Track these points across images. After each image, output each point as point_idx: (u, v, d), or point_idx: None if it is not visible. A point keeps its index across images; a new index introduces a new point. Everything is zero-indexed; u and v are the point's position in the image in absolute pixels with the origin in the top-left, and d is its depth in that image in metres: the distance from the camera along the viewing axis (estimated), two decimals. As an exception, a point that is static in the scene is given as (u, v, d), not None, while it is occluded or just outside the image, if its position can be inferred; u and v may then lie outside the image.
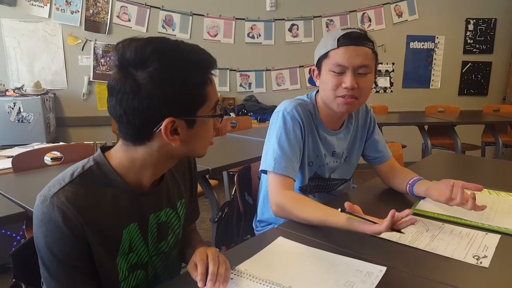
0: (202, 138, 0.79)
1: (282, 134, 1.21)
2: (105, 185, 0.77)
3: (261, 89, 4.42)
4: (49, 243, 0.72)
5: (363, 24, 4.49)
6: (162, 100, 0.70)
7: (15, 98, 3.49)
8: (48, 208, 0.70)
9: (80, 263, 0.74)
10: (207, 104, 0.75)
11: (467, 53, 4.83)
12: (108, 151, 0.81)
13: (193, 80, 0.72)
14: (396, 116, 4.11)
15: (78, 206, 0.72)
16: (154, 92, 0.69)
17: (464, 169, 1.90)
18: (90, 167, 0.77)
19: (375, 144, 1.42)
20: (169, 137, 0.73)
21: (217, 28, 4.22)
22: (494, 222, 1.11)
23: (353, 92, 1.17)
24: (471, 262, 0.89)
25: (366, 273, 0.83)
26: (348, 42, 1.14)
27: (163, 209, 0.88)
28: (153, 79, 0.69)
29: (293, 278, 0.81)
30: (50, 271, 0.73)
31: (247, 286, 0.78)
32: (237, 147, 2.47)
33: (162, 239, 0.89)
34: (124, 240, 0.80)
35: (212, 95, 0.76)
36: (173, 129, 0.73)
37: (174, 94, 0.70)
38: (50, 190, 0.72)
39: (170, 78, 0.70)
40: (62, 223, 0.70)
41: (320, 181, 1.36)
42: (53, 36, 3.90)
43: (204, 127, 0.77)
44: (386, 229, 0.87)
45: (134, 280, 0.85)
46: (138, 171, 0.79)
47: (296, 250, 0.94)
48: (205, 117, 0.76)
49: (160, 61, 0.69)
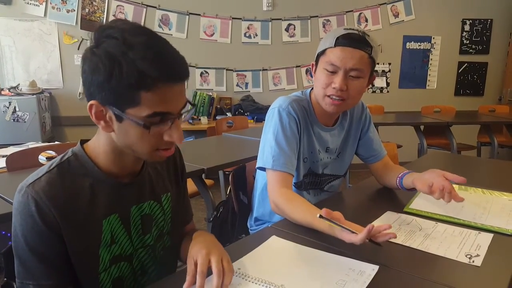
0: (135, 140, 0.74)
1: (279, 130, 1.22)
2: (83, 176, 0.78)
3: (258, 89, 4.42)
4: (22, 232, 0.73)
5: (359, 24, 4.50)
6: (91, 82, 0.70)
7: (11, 97, 3.48)
8: (23, 197, 0.72)
9: (51, 254, 0.75)
10: (140, 108, 0.70)
11: (463, 53, 4.84)
12: (86, 143, 0.83)
13: (124, 77, 0.67)
14: (392, 116, 4.12)
15: (52, 196, 0.73)
16: (88, 72, 0.70)
17: (459, 168, 1.90)
18: (68, 158, 0.79)
19: (369, 142, 1.42)
20: (95, 119, 0.73)
21: (214, 28, 4.22)
22: (487, 221, 1.11)
23: (342, 93, 1.17)
24: (464, 261, 0.89)
25: (359, 272, 0.83)
26: (346, 43, 1.14)
27: (146, 201, 0.88)
28: (91, 61, 0.69)
29: (285, 276, 0.81)
30: (22, 260, 0.74)
31: (239, 285, 0.78)
32: (233, 147, 2.47)
33: (147, 231, 0.89)
34: (104, 230, 0.80)
35: (152, 103, 0.69)
36: (103, 113, 0.73)
37: (100, 81, 0.69)
38: (28, 181, 0.74)
39: (101, 65, 0.68)
40: (35, 212, 0.71)
41: (314, 177, 1.37)
42: (48, 35, 3.89)
43: (134, 129, 0.72)
44: (361, 241, 0.85)
45: (117, 271, 0.85)
46: (106, 159, 0.80)
47: (289, 249, 0.94)
48: (131, 119, 0.70)
49: (107, 47, 0.68)
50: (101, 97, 0.70)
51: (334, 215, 0.91)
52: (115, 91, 0.69)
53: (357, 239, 0.86)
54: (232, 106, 4.30)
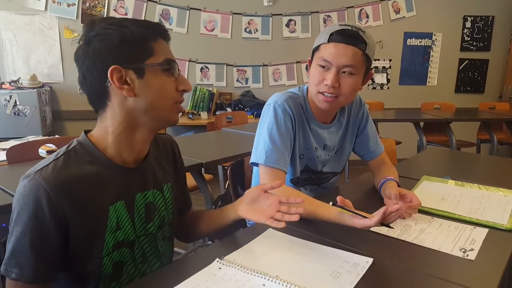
0: (159, 92, 0.80)
1: (273, 126, 1.22)
2: (89, 163, 0.80)
3: (258, 85, 4.42)
4: (22, 218, 0.73)
5: (360, 20, 4.49)
6: (106, 52, 0.76)
7: (11, 91, 3.48)
8: (31, 183, 0.74)
9: (45, 246, 0.75)
10: (156, 57, 0.79)
11: (464, 50, 4.83)
12: (90, 132, 0.85)
13: (134, 33, 0.77)
14: (392, 113, 4.13)
15: (59, 182, 0.74)
16: (98, 45, 0.76)
17: (457, 164, 1.91)
18: (73, 147, 0.81)
19: (366, 140, 1.42)
20: (118, 85, 0.77)
21: (214, 23, 4.21)
22: (483, 216, 1.12)
23: (334, 90, 1.17)
24: (458, 255, 0.90)
25: (353, 264, 0.84)
26: (339, 39, 1.13)
27: (150, 189, 0.90)
28: (97, 36, 0.77)
29: (280, 268, 0.82)
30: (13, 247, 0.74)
31: (235, 275, 0.79)
32: (231, 142, 2.48)
33: (150, 220, 0.91)
34: (110, 216, 0.82)
35: (162, 51, 0.80)
36: (123, 79, 0.77)
37: (116, 44, 0.76)
38: (35, 168, 0.76)
39: (111, 32, 0.76)
40: (42, 197, 0.73)
41: (312, 174, 1.37)
42: (49, 29, 3.89)
43: (158, 79, 0.80)
44: (376, 223, 0.88)
45: (118, 256, 0.86)
46: (114, 143, 0.82)
47: (284, 241, 0.96)
48: (154, 65, 0.79)
49: (105, 23, 0.78)
50: (118, 61, 0.77)
51: (347, 203, 0.93)
52: (132, 48, 0.77)
53: (371, 222, 0.88)
54: (232, 102, 4.30)
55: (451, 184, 1.41)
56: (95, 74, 0.77)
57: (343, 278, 0.78)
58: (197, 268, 0.81)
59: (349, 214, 0.93)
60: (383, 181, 1.28)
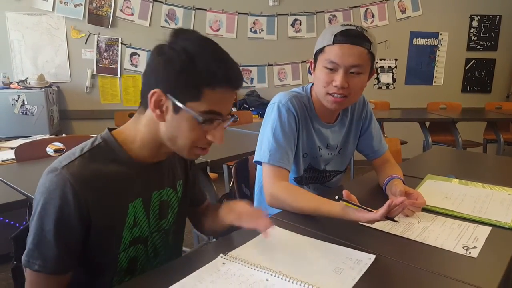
0: (185, 132, 0.80)
1: (277, 125, 1.23)
2: (112, 161, 0.82)
3: (263, 84, 4.43)
4: (47, 211, 0.75)
5: (366, 20, 4.48)
6: (161, 72, 0.77)
7: (19, 90, 3.52)
8: (58, 177, 0.75)
9: (69, 239, 0.77)
10: (200, 103, 0.77)
11: (471, 50, 4.81)
12: (116, 130, 0.87)
13: (196, 72, 0.75)
14: (397, 112, 4.11)
15: (85, 179, 0.76)
16: (161, 63, 0.77)
17: (461, 163, 1.91)
18: (98, 144, 0.83)
19: (370, 139, 1.43)
20: (152, 107, 0.78)
21: (220, 23, 4.23)
22: (486, 215, 1.12)
23: (343, 91, 1.17)
24: (460, 253, 0.91)
25: (356, 261, 0.85)
26: (344, 40, 1.14)
27: (165, 188, 0.93)
28: (167, 54, 0.77)
29: (283, 263, 0.83)
30: (37, 239, 0.76)
31: (239, 270, 0.80)
32: (236, 141, 2.49)
33: (164, 216, 0.94)
34: (129, 213, 0.85)
35: (212, 101, 0.77)
36: (160, 103, 0.78)
37: (171, 73, 0.76)
38: (61, 162, 0.77)
39: (177, 58, 0.76)
40: (69, 193, 0.74)
41: (315, 173, 1.38)
42: (56, 30, 3.93)
43: (188, 121, 0.78)
44: (381, 217, 0.89)
45: (133, 252, 0.89)
46: (142, 147, 0.85)
47: (287, 238, 0.97)
48: (190, 111, 0.77)
49: (183, 44, 0.77)
50: (166, 87, 0.77)
51: (352, 198, 0.94)
52: (183, 84, 0.76)
53: (377, 215, 0.89)
54: (237, 101, 4.32)
55: (455, 183, 1.42)
56: (147, 82, 0.80)
57: (346, 274, 0.79)
58: (202, 264, 0.82)
59: (355, 208, 0.93)
60: (388, 179, 1.28)
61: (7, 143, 2.91)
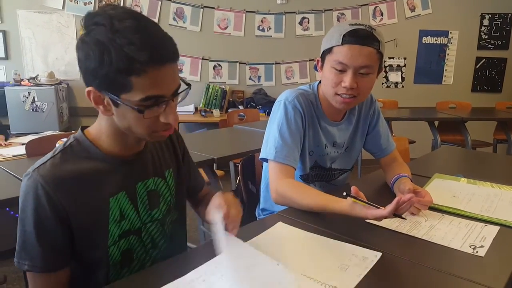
0: (134, 123, 0.77)
1: (283, 123, 1.23)
2: (85, 159, 0.82)
3: (270, 83, 4.43)
4: (26, 214, 0.76)
5: (375, 18, 4.45)
6: (84, 70, 0.74)
7: (30, 87, 3.58)
8: (29, 180, 0.76)
9: (52, 238, 0.78)
10: (134, 93, 0.72)
11: (481, 48, 4.75)
12: (87, 128, 0.87)
13: (114, 63, 0.69)
14: (405, 111, 4.08)
15: (56, 179, 0.76)
16: (82, 60, 0.73)
17: (469, 163, 1.89)
18: (70, 143, 0.83)
19: (377, 137, 1.42)
20: (94, 104, 0.76)
21: (228, 21, 4.24)
22: (494, 214, 1.11)
23: (352, 91, 1.17)
24: (467, 251, 0.90)
25: (361, 258, 0.85)
26: (353, 41, 1.12)
27: (150, 177, 0.92)
28: (82, 49, 0.72)
29: (289, 259, 0.83)
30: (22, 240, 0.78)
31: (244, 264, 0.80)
32: (243, 138, 2.50)
33: (155, 206, 0.93)
34: (112, 208, 0.84)
35: (145, 87, 0.71)
36: (101, 99, 0.76)
37: (92, 69, 0.71)
38: (34, 166, 0.78)
39: (91, 53, 0.70)
40: (41, 195, 0.75)
41: (321, 171, 1.38)
42: (66, 27, 3.97)
43: (132, 112, 0.74)
44: (389, 213, 0.88)
45: (125, 244, 0.89)
46: (109, 140, 0.84)
47: (294, 234, 0.97)
48: (126, 104, 0.73)
49: (95, 35, 0.70)
50: (96, 84, 0.74)
51: (360, 195, 0.94)
52: (108, 78, 0.71)
53: (385, 212, 0.88)
54: (244, 100, 4.32)
55: (463, 182, 1.40)
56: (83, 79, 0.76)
57: (351, 270, 0.79)
58: (208, 258, 0.83)
59: (362, 205, 0.93)
60: (396, 178, 1.27)
61: (18, 139, 2.96)
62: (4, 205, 1.41)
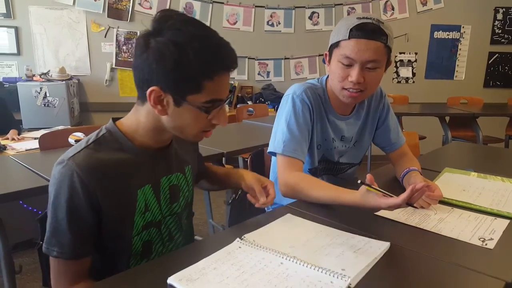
0: (189, 123, 0.82)
1: (291, 117, 1.23)
2: (117, 150, 0.84)
3: (280, 78, 4.42)
4: (59, 201, 0.78)
5: (385, 12, 4.41)
6: (155, 69, 0.75)
7: (42, 83, 3.63)
8: (64, 168, 0.78)
9: (82, 226, 0.80)
10: (201, 95, 0.77)
11: (494, 43, 4.67)
12: (119, 120, 0.89)
13: (191, 66, 0.74)
14: (416, 107, 4.05)
15: (91, 169, 0.79)
16: (152, 59, 0.75)
17: (480, 158, 1.87)
18: (103, 134, 0.85)
19: (387, 131, 1.41)
20: (153, 104, 0.78)
21: (237, 16, 4.24)
22: (505, 208, 1.10)
23: (359, 86, 1.16)
24: (476, 244, 0.90)
25: (370, 248, 0.85)
26: (360, 35, 1.11)
27: (174, 172, 0.95)
28: (156, 49, 0.75)
29: (298, 249, 0.84)
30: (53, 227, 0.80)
31: (253, 253, 0.81)
32: (252, 133, 2.51)
33: (175, 200, 0.97)
34: (139, 199, 0.87)
35: (212, 91, 0.78)
36: (160, 98, 0.78)
37: (166, 70, 0.75)
38: (68, 154, 0.80)
39: (168, 54, 0.74)
40: (77, 183, 0.77)
41: (329, 164, 1.38)
42: (77, 23, 4.01)
43: (192, 113, 0.80)
44: (403, 202, 0.87)
45: (147, 236, 0.92)
46: (145, 135, 0.86)
47: (303, 225, 0.97)
48: (192, 105, 0.78)
49: (171, 36, 0.74)
50: (163, 84, 0.76)
51: (374, 184, 0.93)
52: (180, 79, 0.76)
53: (398, 201, 0.87)
54: (253, 95, 4.33)
55: (473, 176, 1.39)
56: (140, 75, 0.78)
57: (360, 260, 0.80)
58: (219, 247, 0.84)
59: (376, 193, 0.91)
60: (406, 171, 1.27)
61: (30, 134, 3.01)
62: (17, 197, 1.44)
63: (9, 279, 1.38)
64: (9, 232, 1.37)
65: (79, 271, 0.83)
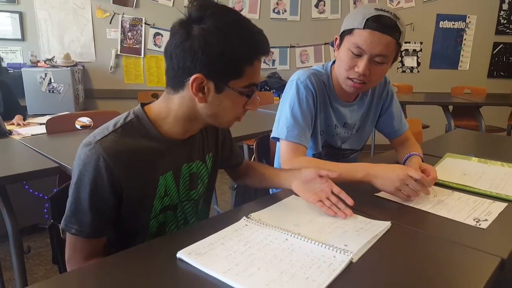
0: (227, 108, 0.84)
1: (295, 102, 1.25)
2: (144, 137, 0.86)
3: (285, 66, 4.42)
4: (83, 182, 0.81)
5: (392, 1, 4.38)
6: (200, 57, 0.77)
7: (46, 69, 3.64)
8: (92, 152, 0.80)
9: (103, 207, 0.83)
10: (242, 80, 0.80)
11: (499, 33, 4.64)
12: (148, 105, 0.90)
13: (236, 52, 0.77)
14: (420, 96, 4.05)
15: (117, 153, 0.81)
16: (196, 46, 0.76)
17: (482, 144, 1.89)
18: (131, 119, 0.87)
19: (390, 119, 1.43)
20: (194, 91, 0.80)
21: (243, 3, 4.22)
22: (504, 191, 1.13)
23: (364, 78, 1.18)
24: (470, 224, 0.93)
25: (372, 226, 0.88)
26: (376, 27, 1.10)
27: (195, 161, 0.97)
28: (201, 36, 0.76)
29: (302, 227, 0.88)
30: (74, 205, 0.83)
31: (259, 230, 0.85)
32: (256, 120, 2.53)
33: (194, 187, 0.99)
34: (160, 185, 0.90)
35: (251, 75, 0.81)
36: (201, 86, 0.80)
37: (212, 56, 0.76)
38: (95, 137, 0.82)
39: (215, 41, 0.76)
40: (102, 167, 0.80)
41: (331, 150, 1.41)
42: (82, 9, 4.01)
43: (232, 99, 0.82)
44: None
45: (162, 218, 0.96)
46: (175, 123, 0.88)
47: (306, 206, 1.01)
48: (234, 89, 0.81)
49: (214, 23, 0.76)
50: (207, 70, 0.78)
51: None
52: (225, 65, 0.78)
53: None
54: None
55: (474, 161, 1.42)
56: (179, 63, 0.79)
57: (362, 237, 0.83)
58: (226, 225, 0.88)
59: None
60: (407, 156, 1.30)
61: (35, 119, 3.05)
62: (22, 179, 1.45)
63: (18, 259, 1.42)
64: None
65: (94, 249, 0.87)
